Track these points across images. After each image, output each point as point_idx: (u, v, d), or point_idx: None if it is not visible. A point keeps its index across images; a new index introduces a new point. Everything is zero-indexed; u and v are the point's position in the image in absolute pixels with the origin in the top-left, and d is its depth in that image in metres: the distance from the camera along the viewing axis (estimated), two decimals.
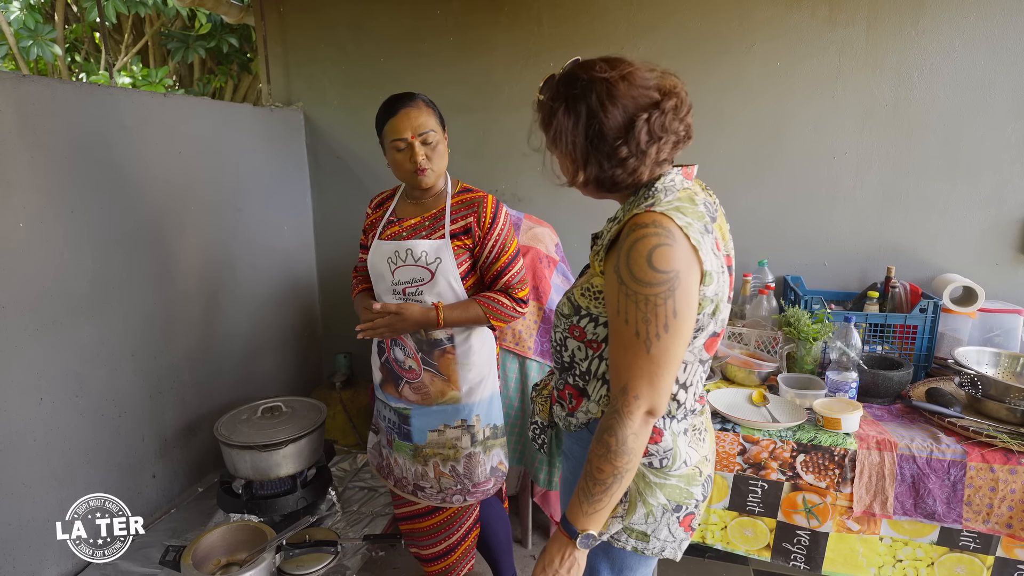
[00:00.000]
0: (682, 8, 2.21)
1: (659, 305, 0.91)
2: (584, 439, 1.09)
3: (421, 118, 1.49)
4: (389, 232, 1.62)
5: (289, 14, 2.63)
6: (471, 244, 1.56)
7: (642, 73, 0.97)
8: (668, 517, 1.05)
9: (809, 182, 2.24)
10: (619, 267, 0.94)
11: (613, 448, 0.94)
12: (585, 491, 0.98)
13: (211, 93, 5.04)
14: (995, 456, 1.48)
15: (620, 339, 0.95)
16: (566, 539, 1.01)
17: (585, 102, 0.96)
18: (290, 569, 1.63)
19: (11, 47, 4.37)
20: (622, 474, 0.96)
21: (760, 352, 1.95)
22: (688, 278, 0.92)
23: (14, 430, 1.57)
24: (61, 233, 1.66)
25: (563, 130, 0.99)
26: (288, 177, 2.64)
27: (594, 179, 1.02)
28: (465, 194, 1.60)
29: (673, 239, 0.92)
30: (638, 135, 0.95)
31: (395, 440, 1.70)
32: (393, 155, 1.53)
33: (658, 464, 1.04)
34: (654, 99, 0.96)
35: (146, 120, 1.91)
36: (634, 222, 0.94)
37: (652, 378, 0.94)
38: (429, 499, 1.69)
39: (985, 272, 2.12)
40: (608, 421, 0.96)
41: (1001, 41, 2.00)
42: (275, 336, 2.59)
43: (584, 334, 1.05)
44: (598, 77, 0.95)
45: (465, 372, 1.61)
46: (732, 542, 1.65)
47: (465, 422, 1.63)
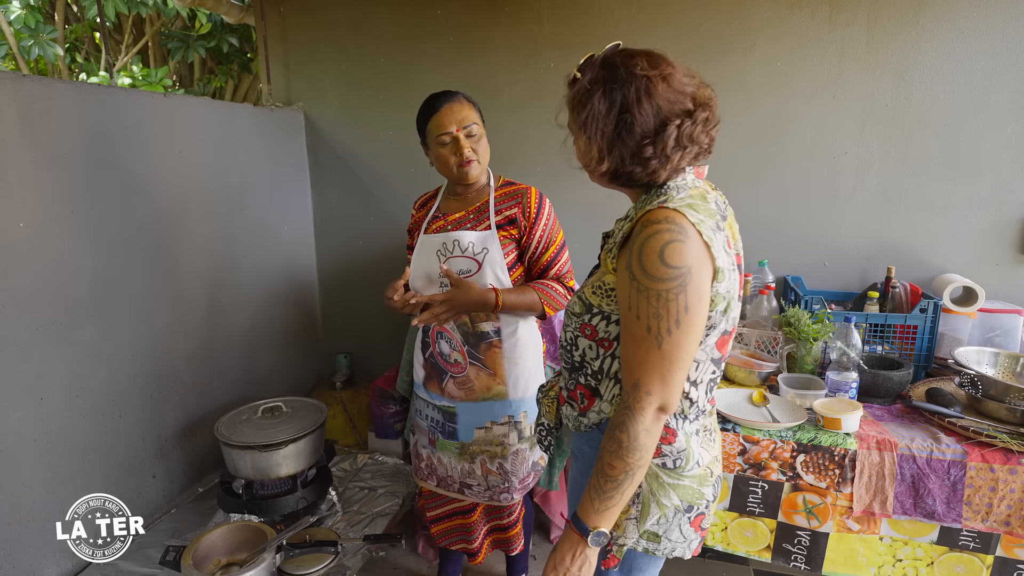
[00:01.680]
0: (683, 9, 2.22)
1: (671, 300, 0.91)
2: (595, 439, 1.09)
3: (464, 112, 1.53)
4: (435, 227, 1.64)
5: (289, 14, 2.63)
6: (517, 235, 1.58)
7: (680, 77, 0.98)
8: (680, 518, 1.05)
9: (809, 182, 2.24)
10: (631, 263, 0.94)
11: (625, 444, 0.94)
12: (596, 488, 0.98)
13: (211, 93, 5.04)
14: (995, 456, 1.48)
15: (632, 335, 0.95)
16: (577, 537, 1.00)
17: (622, 93, 0.96)
18: (290, 569, 1.63)
19: (11, 47, 4.37)
20: (634, 471, 0.96)
21: (760, 352, 1.95)
22: (700, 274, 0.93)
23: (14, 430, 1.57)
24: (61, 233, 1.66)
25: (595, 115, 0.98)
26: (288, 177, 2.64)
27: (612, 171, 1.01)
28: (508, 187, 1.62)
29: (686, 235, 0.92)
30: (666, 139, 0.96)
31: (439, 439, 1.69)
32: (438, 151, 1.55)
33: (671, 465, 1.04)
34: (687, 107, 0.97)
35: (146, 120, 1.91)
36: (647, 218, 0.95)
37: (664, 374, 0.94)
38: (476, 497, 1.70)
39: (985, 272, 2.12)
40: (620, 417, 0.96)
41: (1001, 41, 2.00)
42: (275, 336, 2.59)
43: (596, 332, 1.05)
44: (639, 73, 0.95)
45: (511, 367, 1.61)
46: (732, 543, 1.65)
47: (512, 418, 1.63)
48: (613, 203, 2.38)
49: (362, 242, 2.75)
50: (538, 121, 2.40)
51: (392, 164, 2.63)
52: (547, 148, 2.42)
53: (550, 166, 2.43)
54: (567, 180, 2.43)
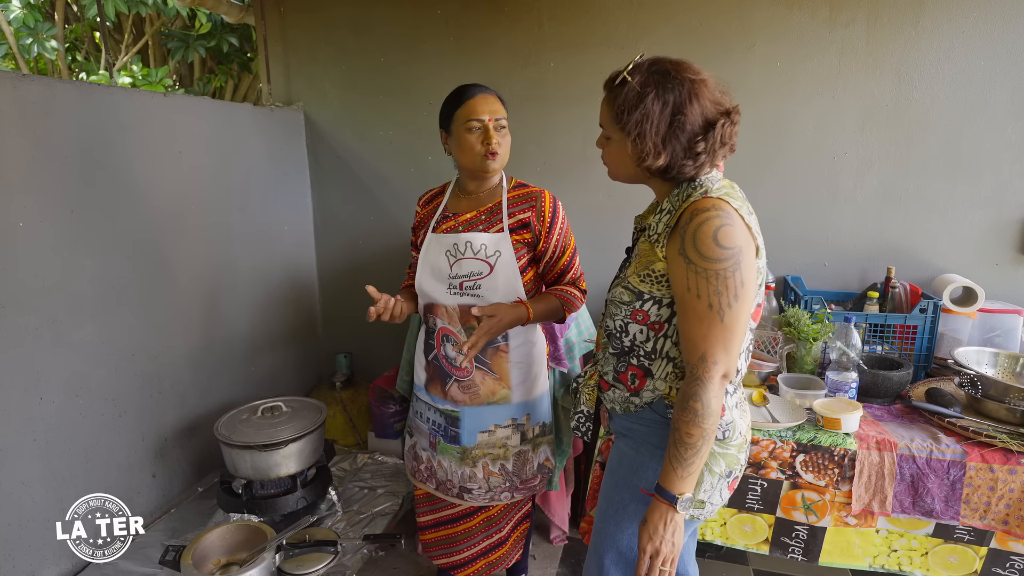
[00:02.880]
0: (683, 9, 2.22)
1: (728, 278, 1.02)
2: (645, 418, 1.19)
3: (497, 105, 1.55)
4: (445, 226, 1.61)
5: (289, 14, 2.62)
6: (531, 239, 1.57)
7: (713, 83, 1.10)
8: (722, 483, 1.16)
9: (809, 182, 2.24)
10: (685, 248, 1.04)
11: (700, 412, 1.03)
12: (677, 458, 1.06)
13: (211, 93, 5.03)
14: (995, 456, 1.48)
15: (694, 313, 1.05)
16: (666, 506, 1.07)
17: (674, 94, 1.06)
18: (290, 569, 1.63)
19: (11, 46, 4.37)
20: (709, 435, 1.05)
21: (760, 352, 1.95)
22: (748, 252, 1.05)
23: (14, 430, 1.57)
24: (61, 233, 1.66)
25: (650, 115, 1.07)
26: (288, 177, 2.64)
27: (666, 165, 1.10)
28: (520, 189, 1.61)
29: (732, 219, 1.04)
30: (716, 136, 1.07)
31: (440, 442, 1.68)
32: (464, 136, 1.52)
33: (721, 436, 1.13)
34: (725, 108, 1.09)
35: (146, 120, 1.91)
36: (695, 207, 1.06)
37: (727, 344, 1.04)
38: (476, 500, 1.68)
39: (985, 272, 2.12)
40: (692, 388, 1.05)
41: (1001, 41, 2.00)
42: (275, 336, 2.59)
43: (648, 317, 1.14)
44: (688, 77, 1.07)
45: (517, 371, 1.61)
46: (731, 537, 1.66)
47: (515, 421, 1.63)
48: (613, 203, 2.39)
49: (362, 242, 2.75)
50: (538, 121, 2.40)
51: (392, 164, 2.63)
52: (547, 148, 2.42)
53: (550, 166, 2.43)
54: (567, 180, 2.44)
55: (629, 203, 1.97)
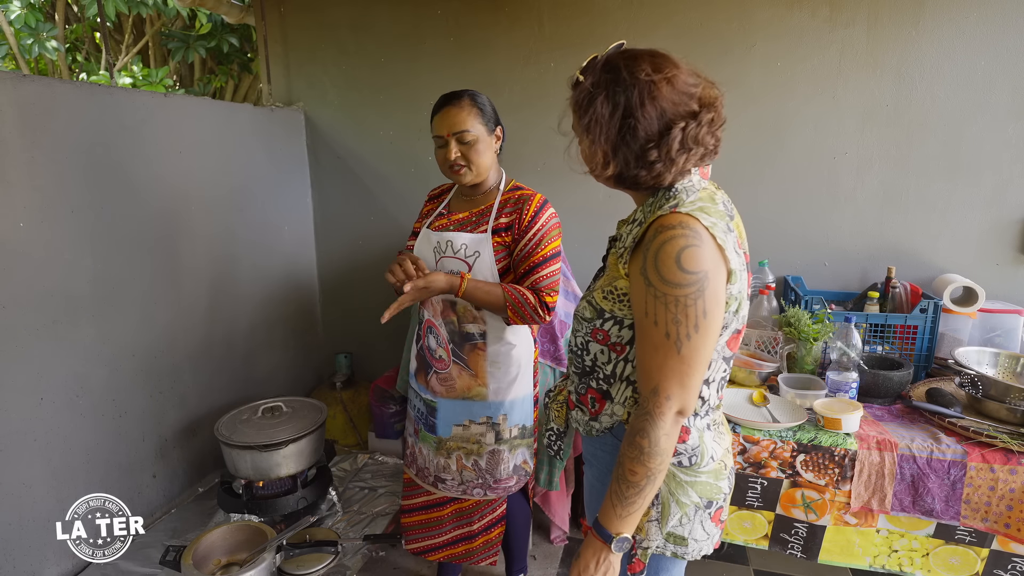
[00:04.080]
0: (683, 8, 2.22)
1: (689, 306, 0.91)
2: (607, 443, 1.09)
3: (460, 116, 1.52)
4: (438, 223, 1.65)
5: (290, 14, 2.63)
6: (509, 241, 1.57)
7: (685, 79, 0.96)
8: (701, 515, 1.05)
9: (810, 182, 2.24)
10: (646, 269, 0.93)
11: (646, 450, 0.93)
12: (618, 494, 0.97)
13: (211, 93, 5.04)
14: (995, 456, 1.48)
15: (649, 341, 0.94)
16: (600, 543, 0.99)
17: (625, 96, 0.95)
18: (290, 569, 1.63)
19: (12, 47, 4.37)
20: (655, 475, 0.95)
21: (760, 352, 1.95)
22: (716, 278, 0.93)
23: (14, 430, 1.57)
24: (61, 233, 1.66)
25: (599, 119, 0.97)
26: (289, 177, 2.64)
27: (617, 175, 1.01)
28: (514, 192, 1.61)
29: (701, 240, 0.92)
30: (671, 143, 0.95)
31: (421, 430, 1.71)
32: (435, 150, 1.57)
33: (687, 462, 1.03)
34: (692, 109, 0.96)
35: (146, 120, 1.91)
36: (660, 223, 0.94)
37: (683, 378, 0.93)
38: (449, 491, 1.70)
39: (985, 272, 2.12)
40: (640, 423, 0.95)
41: (1002, 41, 2.00)
42: (275, 336, 2.59)
43: (608, 337, 1.04)
44: (642, 78, 0.94)
45: (493, 370, 1.61)
46: (731, 533, 1.66)
47: (490, 419, 1.63)
48: (612, 204, 2.38)
49: (362, 242, 2.75)
50: (538, 121, 2.40)
51: (392, 164, 2.63)
52: (547, 148, 2.42)
53: (550, 166, 2.43)
54: (567, 181, 2.42)
55: (629, 204, 1.97)
